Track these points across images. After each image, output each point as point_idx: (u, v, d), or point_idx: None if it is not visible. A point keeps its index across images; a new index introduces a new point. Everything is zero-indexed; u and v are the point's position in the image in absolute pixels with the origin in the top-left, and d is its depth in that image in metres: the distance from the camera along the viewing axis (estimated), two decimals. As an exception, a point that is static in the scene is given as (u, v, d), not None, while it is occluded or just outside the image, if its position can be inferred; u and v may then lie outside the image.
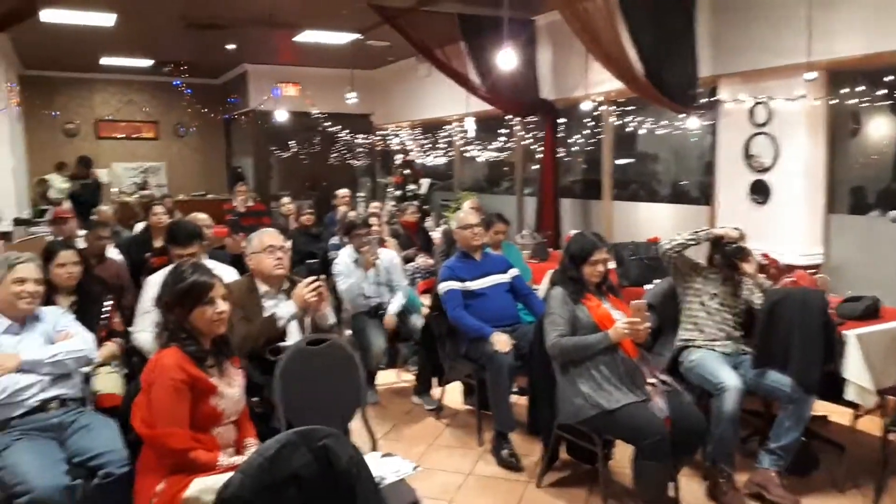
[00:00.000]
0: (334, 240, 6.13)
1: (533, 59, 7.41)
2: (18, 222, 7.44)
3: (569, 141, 7.48)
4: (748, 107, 5.41)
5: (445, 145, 9.60)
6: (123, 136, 12.14)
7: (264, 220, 7.92)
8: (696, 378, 3.33)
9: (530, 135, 7.87)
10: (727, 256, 3.44)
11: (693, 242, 3.45)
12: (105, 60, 10.21)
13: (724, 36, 5.55)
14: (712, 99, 5.68)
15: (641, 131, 6.65)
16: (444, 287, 3.96)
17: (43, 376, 2.70)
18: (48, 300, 3.12)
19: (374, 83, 11.17)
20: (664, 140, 6.73)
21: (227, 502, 1.65)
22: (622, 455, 3.34)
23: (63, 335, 2.85)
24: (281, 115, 10.02)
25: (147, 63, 10.49)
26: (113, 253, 5.14)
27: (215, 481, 1.98)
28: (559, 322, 3.07)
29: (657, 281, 4.08)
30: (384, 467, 2.40)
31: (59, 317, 2.94)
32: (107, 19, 7.31)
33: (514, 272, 4.17)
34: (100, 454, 2.55)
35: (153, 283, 3.65)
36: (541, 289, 4.52)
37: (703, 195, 6.36)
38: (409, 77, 10.28)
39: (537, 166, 7.74)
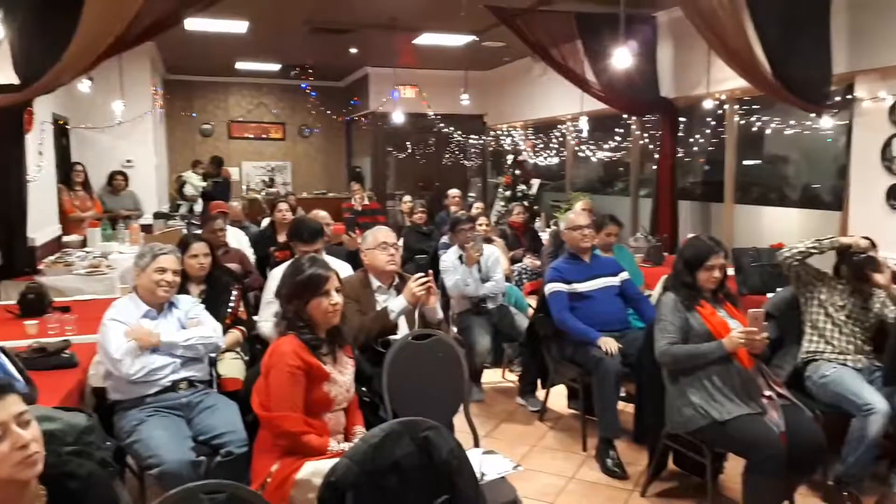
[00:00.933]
0: (444, 239, 6.24)
1: (653, 56, 7.19)
2: (157, 216, 8.09)
3: (689, 141, 7.20)
4: (888, 105, 5.00)
5: (558, 145, 9.51)
6: (253, 136, 12.89)
7: (379, 219, 8.18)
8: (830, 396, 3.12)
9: (647, 134, 7.65)
10: (855, 267, 3.21)
11: (816, 251, 3.24)
12: (239, 65, 10.89)
13: (862, 29, 5.16)
14: (848, 97, 5.29)
15: (768, 131, 6.30)
16: (550, 288, 3.94)
17: (176, 359, 2.93)
18: (182, 288, 3.39)
19: (488, 84, 11.24)
20: (794, 140, 6.34)
21: (333, 486, 1.73)
22: (733, 469, 3.19)
23: (195, 322, 3.08)
24: (398, 117, 10.29)
25: (276, 67, 11.09)
26: (243, 243, 5.49)
27: (325, 465, 2.08)
28: (670, 329, 2.98)
29: (780, 289, 3.87)
30: (485, 464, 2.43)
31: (191, 305, 3.19)
32: (240, 26, 7.81)
33: (624, 276, 4.08)
34: (222, 434, 2.75)
35: (277, 276, 3.86)
36: (654, 294, 4.40)
37: (836, 200, 5.94)
38: (523, 77, 10.26)
39: (654, 167, 7.51)
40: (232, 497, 1.61)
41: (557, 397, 4.45)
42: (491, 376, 4.97)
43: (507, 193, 9.31)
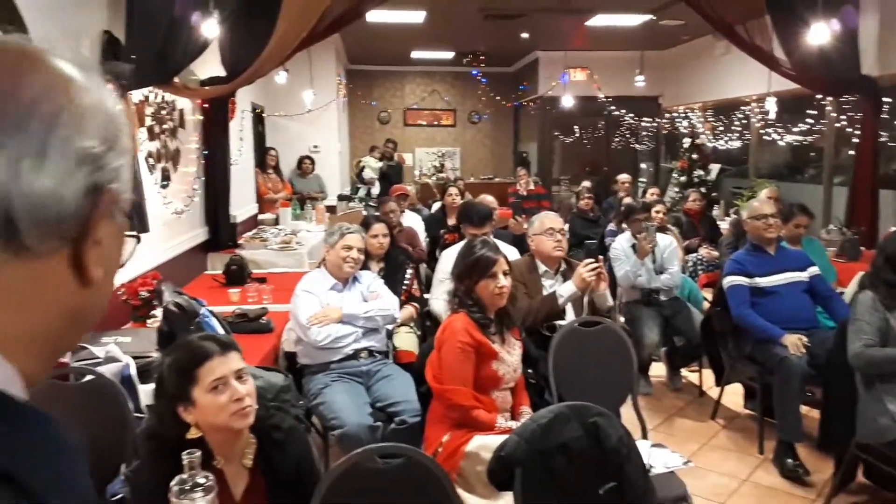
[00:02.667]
0: (611, 226, 6.10)
1: (853, 31, 6.50)
2: (341, 198, 8.66)
3: (894, 123, 6.45)
4: None
5: (740, 128, 8.90)
6: (426, 123, 13.35)
7: (544, 204, 8.16)
8: None
9: (845, 116, 6.94)
10: None
11: None
12: (414, 54, 11.30)
13: None
14: None
15: None
16: (729, 281, 3.74)
17: (357, 329, 3.17)
18: (363, 265, 3.63)
19: (664, 64, 10.75)
20: None
21: (503, 460, 1.80)
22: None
23: (374, 295, 3.30)
24: (567, 101, 10.16)
25: (449, 55, 11.38)
26: (418, 226, 5.75)
27: (493, 440, 2.17)
28: (866, 330, 2.73)
29: None
30: (653, 457, 2.39)
31: (371, 280, 3.42)
32: (417, 16, 8.10)
33: (813, 270, 3.77)
34: (397, 402, 2.93)
35: (447, 257, 4.03)
36: (847, 292, 4.03)
37: None
38: (703, 56, 9.70)
39: (851, 152, 6.81)
40: (408, 461, 1.72)
41: (733, 396, 4.22)
42: (659, 370, 4.82)
43: (683, 179, 8.88)
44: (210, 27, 3.75)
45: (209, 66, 4.69)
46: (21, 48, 0.52)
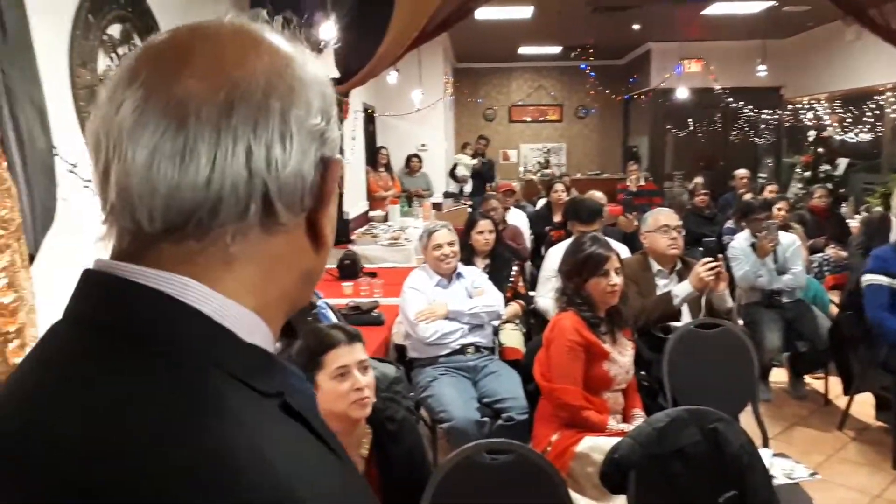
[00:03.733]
0: (729, 223, 5.81)
1: None
2: (447, 195, 8.76)
3: None
4: None
5: (872, 119, 8.25)
6: (531, 119, 13.25)
7: (655, 200, 7.89)
8: None
9: None
10: None
11: None
12: (521, 49, 11.24)
13: None
14: None
15: None
16: (868, 279, 3.45)
17: (464, 325, 3.19)
18: (468, 262, 3.65)
19: (786, 53, 10.13)
20: None
21: (616, 462, 1.76)
22: None
23: (479, 291, 3.32)
24: (682, 93, 9.78)
25: (556, 49, 11.23)
26: (523, 223, 5.72)
27: (605, 442, 2.13)
28: None
29: None
30: (775, 467, 2.27)
31: (476, 275, 3.43)
32: (525, 12, 8.05)
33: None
34: (504, 399, 2.93)
35: (553, 255, 3.98)
36: None
37: None
38: (830, 43, 9.06)
39: None
40: (519, 458, 1.72)
41: (862, 405, 3.93)
42: (779, 376, 4.55)
43: (807, 174, 8.35)
44: (327, 30, 3.88)
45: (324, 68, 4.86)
46: (237, 28, 0.53)
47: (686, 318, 3.08)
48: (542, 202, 6.99)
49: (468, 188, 9.52)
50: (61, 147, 2.13)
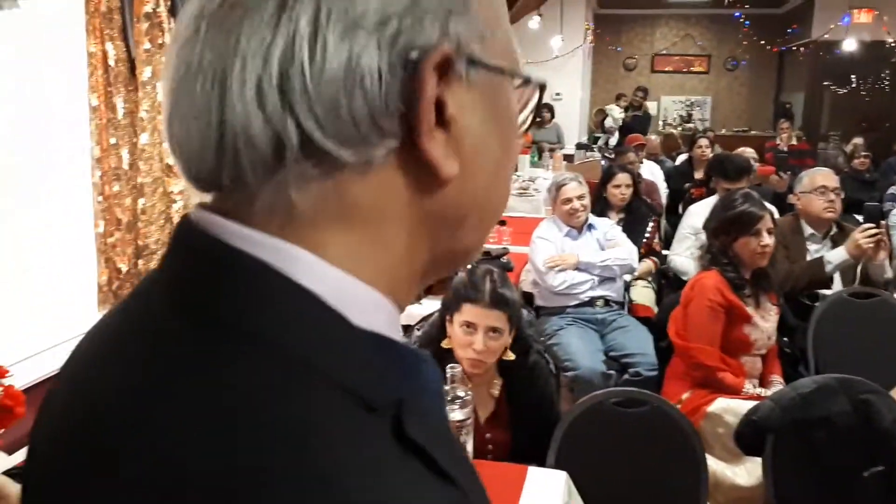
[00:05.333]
0: (893, 189, 5.31)
1: None
2: (579, 146, 8.56)
3: None
4: None
5: None
6: (674, 70, 12.56)
7: (807, 161, 7.32)
8: None
9: None
10: None
11: None
12: (669, -4, 10.63)
13: None
14: None
15: None
16: None
17: (593, 276, 3.16)
18: (602, 214, 3.59)
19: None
20: None
21: (755, 424, 1.71)
22: None
23: (612, 244, 3.26)
24: (849, 45, 8.90)
25: (709, -5, 10.53)
26: (658, 177, 5.52)
27: (738, 405, 2.07)
28: None
29: None
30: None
31: (609, 227, 3.36)
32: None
33: None
34: (632, 354, 2.90)
35: (694, 213, 3.83)
36: None
37: None
38: None
39: None
40: (652, 410, 1.71)
41: None
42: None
43: None
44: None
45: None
46: None
47: (837, 286, 2.89)
48: (682, 158, 6.69)
49: (613, 140, 9.27)
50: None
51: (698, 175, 5.37)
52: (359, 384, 0.34)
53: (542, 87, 0.45)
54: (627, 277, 3.39)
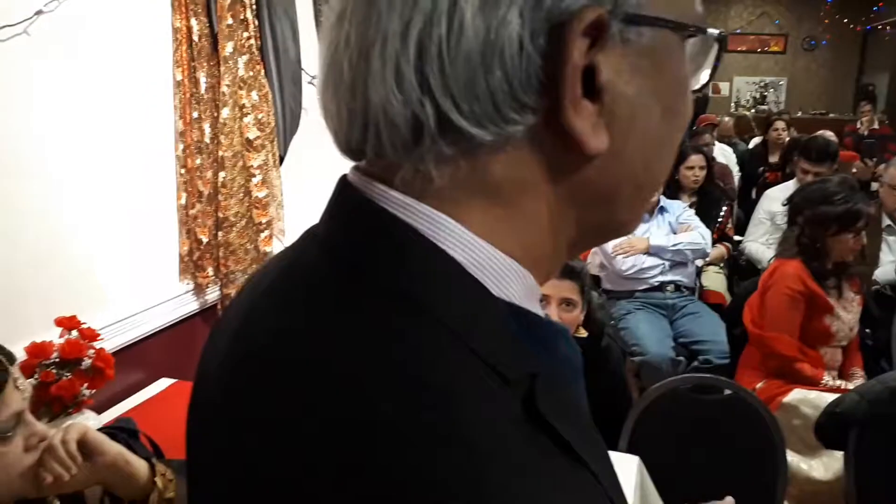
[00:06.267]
0: None
1: None
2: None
3: None
4: None
5: None
6: (749, 49, 12.08)
7: (890, 147, 6.97)
8: None
9: None
10: None
11: None
12: (746, -28, 10.20)
13: None
14: None
15: None
16: None
17: (664, 261, 3.09)
18: (673, 197, 3.49)
19: None
20: None
21: (837, 417, 1.66)
22: None
23: (684, 227, 3.17)
24: (941, 23, 8.37)
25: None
26: (730, 160, 5.34)
27: (816, 396, 2.01)
28: None
29: None
30: None
31: (681, 210, 3.27)
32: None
33: None
34: (703, 341, 2.84)
35: (770, 197, 3.70)
36: None
37: None
38: None
39: None
40: (732, 397, 1.67)
41: None
42: None
43: None
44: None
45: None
46: None
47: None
48: (755, 141, 6.45)
49: None
50: (304, 60, 2.31)
51: (773, 159, 5.18)
52: (495, 355, 0.34)
53: (722, 40, 0.41)
54: (699, 263, 3.30)
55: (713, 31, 0.40)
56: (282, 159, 2.14)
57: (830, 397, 1.87)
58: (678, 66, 0.39)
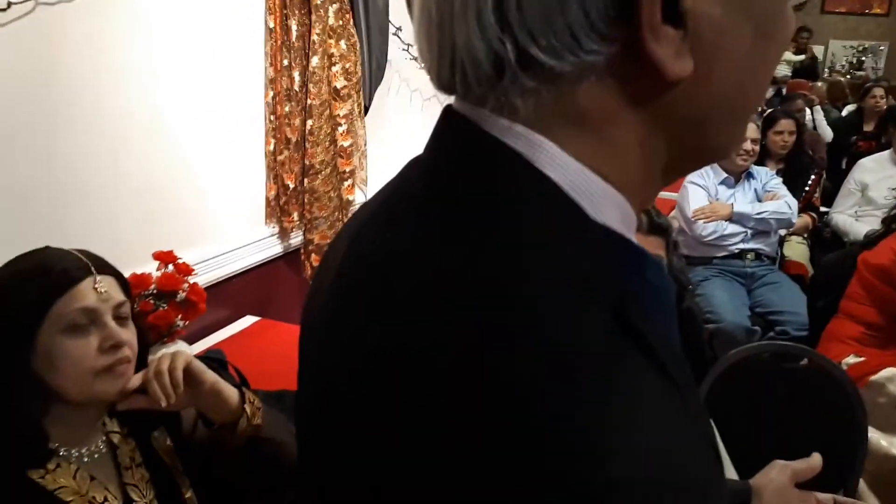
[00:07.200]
0: None
1: None
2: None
3: None
4: None
5: None
6: (848, 11, 11.34)
7: None
8: None
9: None
10: None
11: None
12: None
13: None
14: None
15: None
16: None
17: (747, 228, 3.00)
18: (760, 163, 3.37)
19: None
20: None
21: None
22: None
23: (770, 195, 3.06)
24: None
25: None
26: (824, 129, 5.11)
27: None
28: None
29: None
30: None
31: (769, 178, 3.16)
32: None
33: None
34: (781, 311, 2.76)
35: (863, 167, 3.53)
36: None
37: None
38: None
39: None
40: (814, 367, 1.63)
41: None
42: None
43: None
44: None
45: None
46: None
47: None
48: (849, 108, 6.11)
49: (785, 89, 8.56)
50: (391, 11, 2.32)
51: (868, 127, 4.91)
52: (588, 272, 0.35)
53: None
54: (782, 232, 3.19)
55: None
56: (366, 109, 2.17)
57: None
58: None
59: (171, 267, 1.68)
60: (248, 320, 2.02)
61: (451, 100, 0.42)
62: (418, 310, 0.35)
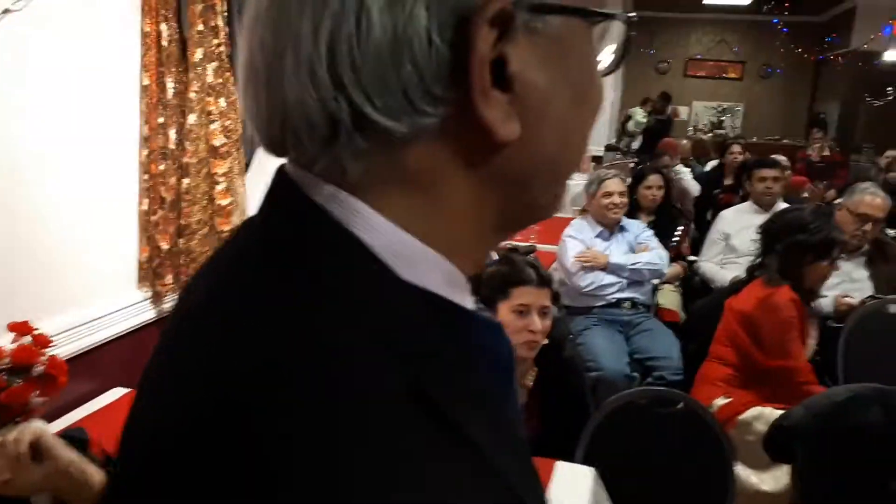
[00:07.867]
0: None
1: None
2: (608, 148, 8.50)
3: None
4: None
5: None
6: (708, 75, 12.43)
7: (840, 173, 7.24)
8: None
9: None
10: None
11: None
12: (708, 0, 10.50)
13: None
14: None
15: None
16: None
17: (622, 279, 3.15)
18: (632, 216, 3.57)
19: None
20: None
21: (784, 430, 1.71)
22: None
23: (643, 247, 3.24)
24: (891, 56, 8.74)
25: (746, 1, 10.38)
26: (690, 183, 5.48)
27: (771, 412, 2.07)
28: None
29: None
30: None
31: (641, 230, 3.35)
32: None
33: None
34: (657, 357, 2.89)
35: (724, 218, 3.81)
36: None
37: None
38: None
39: None
40: (687, 411, 1.72)
41: None
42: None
43: None
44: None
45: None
46: None
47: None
48: (711, 164, 6.63)
49: (636, 144, 9.19)
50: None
51: (728, 181, 5.33)
52: (387, 334, 0.35)
53: (630, 22, 0.43)
54: (656, 281, 3.37)
55: (620, 15, 0.42)
56: (247, 167, 2.13)
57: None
58: (587, 52, 0.41)
59: (27, 338, 1.55)
60: (117, 392, 1.89)
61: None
62: (215, 363, 0.35)
